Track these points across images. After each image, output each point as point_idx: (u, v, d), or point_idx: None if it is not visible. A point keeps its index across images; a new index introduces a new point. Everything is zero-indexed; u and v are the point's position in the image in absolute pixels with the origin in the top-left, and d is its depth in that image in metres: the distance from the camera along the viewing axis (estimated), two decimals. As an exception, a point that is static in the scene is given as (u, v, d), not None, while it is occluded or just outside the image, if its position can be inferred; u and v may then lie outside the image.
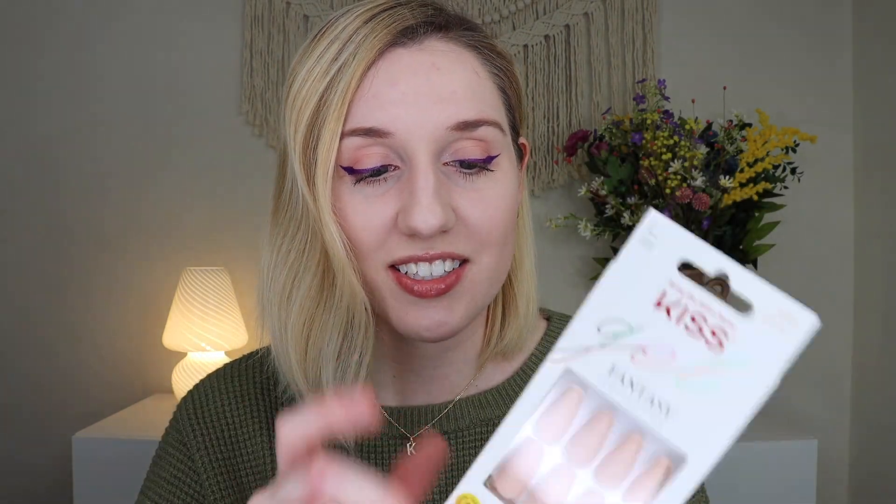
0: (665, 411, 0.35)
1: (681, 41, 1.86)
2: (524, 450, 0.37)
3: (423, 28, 0.55)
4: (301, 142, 0.55)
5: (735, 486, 1.46)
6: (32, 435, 1.91)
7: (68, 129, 1.92)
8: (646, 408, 0.36)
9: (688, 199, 1.47)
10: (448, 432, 0.66)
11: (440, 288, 0.54)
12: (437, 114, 0.53)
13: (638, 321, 0.37)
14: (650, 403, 0.36)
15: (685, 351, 0.36)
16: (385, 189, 0.54)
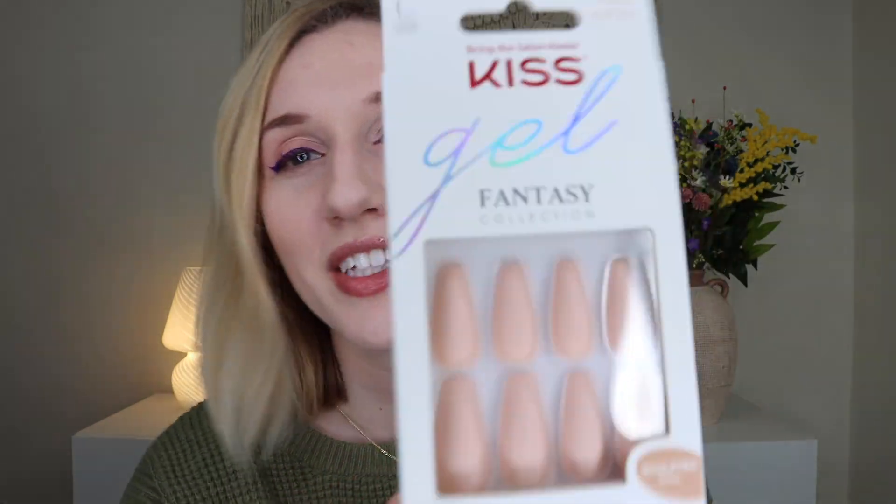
0: (584, 198, 0.27)
1: (681, 41, 1.86)
2: (450, 407, 0.28)
3: (337, 11, 0.53)
4: (225, 150, 0.53)
5: (735, 487, 1.46)
6: (32, 434, 1.91)
7: (67, 129, 1.92)
8: (557, 213, 0.27)
9: (688, 199, 1.47)
10: None
11: (380, 283, 0.49)
12: (352, 88, 0.50)
13: (465, 118, 0.27)
14: (559, 202, 0.27)
15: (547, 109, 0.27)
16: (313, 179, 0.51)
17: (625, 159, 0.27)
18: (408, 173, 0.26)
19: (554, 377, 0.28)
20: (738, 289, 1.72)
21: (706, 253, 1.56)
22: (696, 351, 1.33)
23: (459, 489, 0.27)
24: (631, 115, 0.27)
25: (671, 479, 0.26)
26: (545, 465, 0.27)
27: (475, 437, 0.27)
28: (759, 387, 1.84)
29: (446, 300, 0.27)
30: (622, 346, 0.28)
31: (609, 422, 0.28)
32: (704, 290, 1.53)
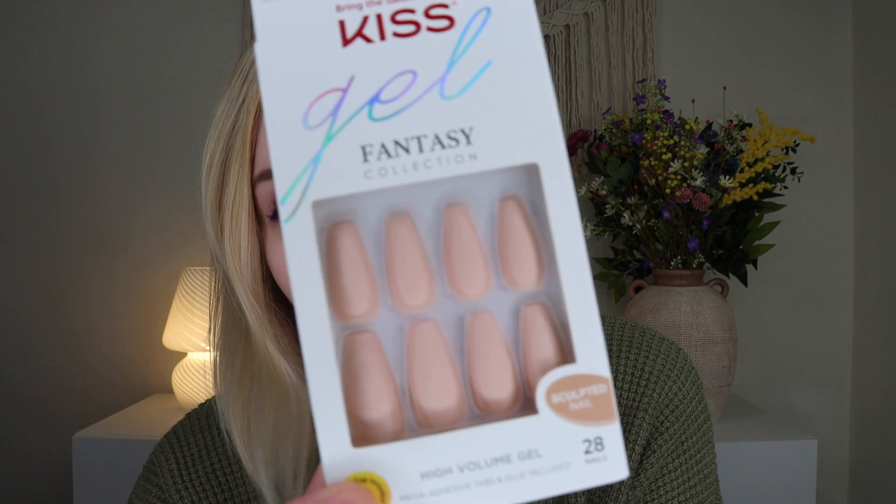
0: (465, 142, 0.27)
1: (681, 41, 1.86)
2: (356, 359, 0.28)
3: None
4: (213, 196, 0.50)
5: (734, 486, 1.46)
6: (33, 434, 1.91)
7: (68, 130, 1.92)
8: (441, 158, 0.27)
9: (688, 199, 1.47)
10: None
11: None
12: None
13: (339, 77, 0.27)
14: (441, 148, 0.27)
15: (420, 58, 0.27)
16: None
17: (503, 98, 0.27)
18: (289, 138, 0.26)
19: (455, 320, 0.28)
20: (737, 289, 1.73)
21: (706, 253, 1.56)
22: (696, 351, 1.32)
23: (375, 439, 0.27)
24: (505, 53, 0.27)
25: (582, 404, 0.27)
26: (458, 407, 0.28)
27: (384, 386, 0.27)
28: (759, 386, 1.84)
29: (340, 257, 0.27)
30: (519, 282, 0.28)
31: (515, 358, 0.28)
32: (704, 290, 1.53)
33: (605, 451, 0.26)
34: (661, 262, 1.57)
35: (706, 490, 0.61)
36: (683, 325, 1.49)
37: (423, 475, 0.26)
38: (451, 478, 0.26)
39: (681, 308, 1.50)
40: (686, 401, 0.63)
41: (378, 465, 0.26)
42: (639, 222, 1.56)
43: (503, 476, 0.26)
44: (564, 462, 0.26)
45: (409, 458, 0.26)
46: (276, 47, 0.27)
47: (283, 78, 0.27)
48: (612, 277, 1.78)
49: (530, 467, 0.26)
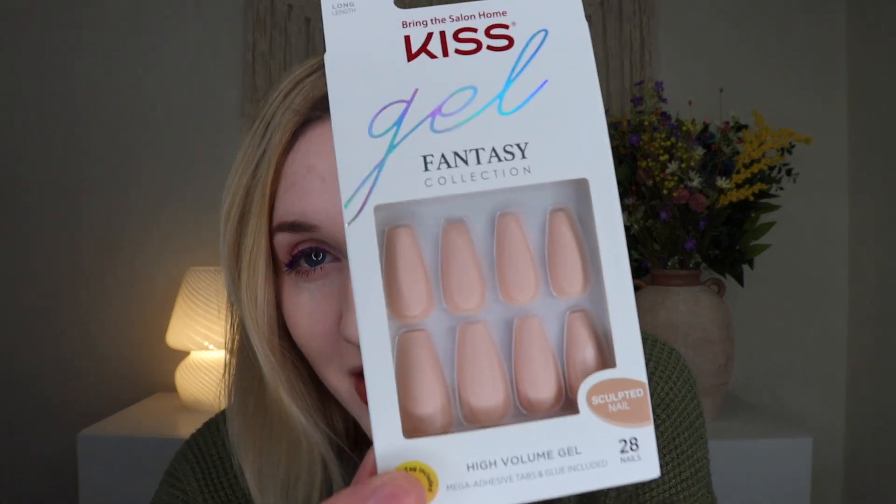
0: (520, 156, 0.28)
1: (678, 44, 1.87)
2: (409, 356, 0.29)
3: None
4: (230, 241, 0.51)
5: (729, 484, 1.47)
6: (38, 432, 1.93)
7: (73, 131, 1.93)
8: (497, 171, 0.28)
9: (685, 199, 1.49)
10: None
11: None
12: None
13: (404, 89, 0.29)
14: (497, 161, 0.28)
15: (481, 75, 0.29)
16: (328, 288, 0.48)
17: (557, 116, 0.29)
18: (354, 146, 0.28)
19: (504, 323, 0.30)
20: (734, 288, 1.74)
21: (703, 253, 1.58)
22: (692, 350, 1.35)
23: (425, 432, 0.29)
24: (560, 74, 0.29)
25: (620, 406, 0.28)
26: (503, 405, 0.29)
27: (435, 383, 0.29)
28: (755, 385, 1.86)
29: (398, 259, 0.29)
30: (565, 290, 0.30)
31: (559, 361, 0.30)
32: (701, 290, 1.55)
33: (639, 451, 0.28)
34: (659, 262, 1.59)
35: (697, 484, 0.64)
36: (680, 325, 1.51)
37: (469, 467, 0.28)
38: (496, 470, 0.28)
39: (678, 307, 1.52)
40: (678, 399, 0.65)
41: (427, 456, 0.28)
42: (636, 222, 1.58)
43: (544, 471, 0.28)
44: (601, 460, 0.28)
45: (456, 450, 0.28)
46: (345, 58, 0.29)
47: (350, 88, 0.29)
48: (610, 277, 1.79)
49: (570, 463, 0.28)
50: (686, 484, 0.63)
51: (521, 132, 0.29)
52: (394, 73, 0.29)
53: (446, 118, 0.28)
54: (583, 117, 0.29)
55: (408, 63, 0.29)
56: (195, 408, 1.69)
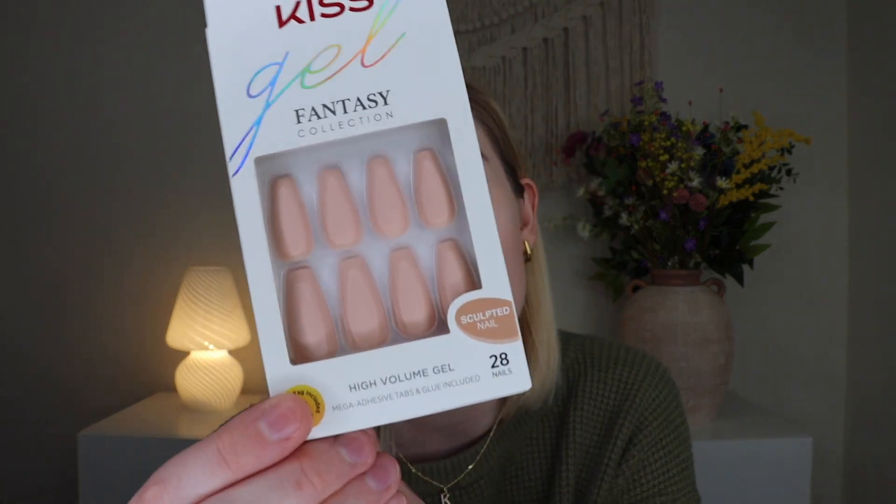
0: (383, 103, 0.31)
1: (678, 44, 1.88)
2: (294, 291, 0.32)
3: None
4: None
5: (729, 484, 1.48)
6: (38, 432, 1.93)
7: (77, 132, 1.94)
8: (362, 118, 0.31)
9: (685, 199, 1.49)
10: (481, 477, 0.69)
11: None
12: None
13: (276, 53, 0.32)
14: (362, 109, 0.31)
15: (344, 34, 0.32)
16: None
17: (414, 64, 0.32)
18: (235, 106, 0.31)
19: (380, 256, 0.33)
20: (734, 288, 1.74)
21: (703, 253, 1.58)
22: (693, 349, 1.35)
23: (311, 359, 0.31)
24: (417, 26, 0.32)
25: (488, 324, 0.31)
26: (381, 330, 0.32)
27: (319, 313, 0.31)
28: (755, 385, 1.86)
29: (279, 205, 0.32)
30: (433, 221, 0.32)
31: (431, 286, 0.32)
32: (701, 290, 1.55)
33: (509, 364, 0.30)
34: (659, 261, 1.59)
35: (683, 481, 0.70)
36: (680, 325, 1.51)
37: (351, 387, 0.30)
38: (376, 389, 0.30)
39: (678, 307, 1.52)
40: (663, 406, 0.71)
41: (313, 380, 0.30)
42: (636, 222, 1.58)
43: (420, 388, 0.30)
44: (474, 375, 0.30)
45: (339, 373, 0.30)
46: (224, 31, 0.32)
47: (229, 56, 0.32)
48: (610, 277, 1.80)
49: (444, 380, 0.30)
50: (673, 480, 0.69)
51: (383, 81, 0.31)
52: (267, 39, 0.32)
53: (315, 75, 0.31)
54: (438, 63, 0.32)
55: (279, 29, 0.32)
56: (195, 408, 1.70)
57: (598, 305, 1.89)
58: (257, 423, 0.28)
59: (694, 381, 1.51)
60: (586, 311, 1.90)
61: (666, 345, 1.51)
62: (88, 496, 1.56)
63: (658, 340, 1.52)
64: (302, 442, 0.29)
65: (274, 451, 0.28)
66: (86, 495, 1.56)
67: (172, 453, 0.81)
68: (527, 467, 0.71)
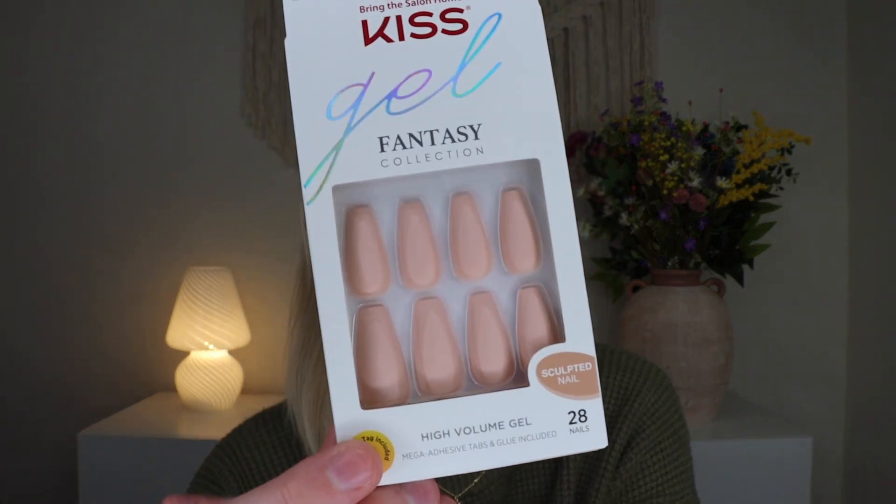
0: (473, 137, 0.29)
1: (677, 44, 1.88)
2: (367, 331, 0.30)
3: None
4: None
5: (729, 484, 1.48)
6: (38, 432, 1.93)
7: (76, 132, 1.94)
8: (451, 151, 0.29)
9: (685, 199, 1.49)
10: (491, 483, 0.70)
11: None
12: None
13: (361, 73, 0.29)
14: (451, 142, 0.29)
15: (436, 58, 0.30)
16: None
17: (509, 97, 0.30)
18: (313, 128, 0.29)
19: (458, 298, 0.31)
20: (734, 288, 1.75)
21: (703, 253, 1.58)
22: (692, 349, 1.35)
23: (382, 404, 0.30)
24: (513, 56, 0.30)
25: (569, 379, 0.29)
26: (456, 377, 0.30)
27: (392, 357, 0.30)
28: (755, 385, 1.86)
29: (356, 238, 0.30)
30: (517, 266, 0.31)
31: (511, 335, 0.31)
32: (701, 290, 1.55)
33: (588, 422, 0.29)
34: (659, 261, 1.59)
35: (681, 484, 0.71)
36: (680, 325, 1.51)
37: (424, 436, 0.29)
38: (449, 440, 0.29)
39: (678, 307, 1.52)
40: (662, 410, 0.73)
41: (383, 427, 0.29)
42: (636, 222, 1.58)
43: (495, 440, 0.29)
44: (551, 430, 0.29)
45: (412, 420, 0.29)
46: (304, 43, 0.30)
47: (309, 72, 0.29)
48: (610, 277, 1.80)
49: (520, 434, 0.29)
50: (671, 483, 0.70)
51: (475, 114, 0.29)
52: (351, 57, 0.29)
53: (402, 101, 0.29)
54: (534, 98, 0.30)
55: (365, 47, 0.30)
56: (195, 408, 1.70)
57: (598, 305, 1.89)
58: (325, 471, 0.27)
59: (694, 381, 1.51)
60: (586, 311, 1.90)
61: (666, 345, 1.51)
62: (88, 496, 1.56)
63: (658, 340, 1.52)
64: (371, 491, 0.28)
65: (343, 501, 0.27)
66: (86, 495, 1.56)
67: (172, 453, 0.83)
68: (531, 472, 0.72)
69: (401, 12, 0.30)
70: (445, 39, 0.30)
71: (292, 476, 0.27)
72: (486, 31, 0.30)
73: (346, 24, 0.30)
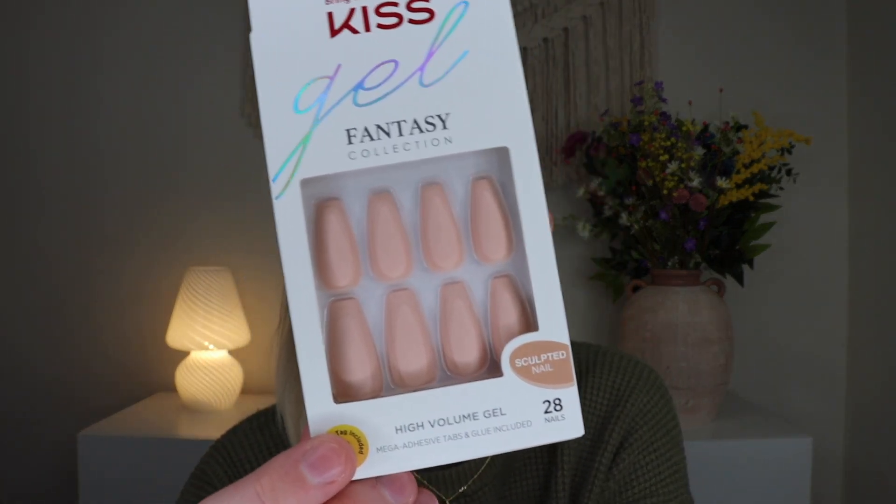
0: (442, 126, 0.29)
1: (677, 44, 1.88)
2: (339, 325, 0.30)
3: None
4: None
5: (728, 484, 1.48)
6: (38, 432, 1.93)
7: (76, 132, 1.94)
8: (419, 142, 0.29)
9: (685, 199, 1.49)
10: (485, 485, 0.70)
11: None
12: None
13: (327, 65, 0.29)
14: (419, 132, 0.29)
15: (402, 48, 0.29)
16: None
17: (477, 86, 0.29)
18: (280, 122, 0.29)
19: (430, 290, 0.31)
20: (734, 288, 1.75)
21: (703, 253, 1.58)
22: (692, 349, 1.35)
23: (356, 397, 0.29)
24: (480, 45, 0.30)
25: (543, 368, 0.29)
26: (430, 369, 0.30)
27: (364, 350, 0.30)
28: (755, 385, 1.86)
29: (326, 231, 0.30)
30: (489, 256, 0.31)
31: (484, 325, 0.31)
32: (701, 290, 1.55)
33: (563, 411, 0.29)
34: (659, 262, 1.59)
35: (675, 483, 0.71)
36: (680, 325, 1.51)
37: (398, 429, 0.29)
38: (423, 432, 0.29)
39: (678, 307, 1.52)
40: (655, 410, 0.73)
41: (357, 420, 0.28)
42: (636, 222, 1.58)
43: (470, 431, 0.29)
44: (526, 420, 0.29)
45: (385, 413, 0.29)
46: (270, 37, 0.29)
47: (275, 66, 0.29)
48: (610, 277, 1.80)
49: (495, 424, 0.29)
50: (665, 482, 0.70)
51: (442, 103, 0.29)
52: (317, 49, 0.29)
53: (368, 92, 0.29)
54: (503, 87, 0.29)
55: (331, 39, 0.29)
56: (195, 408, 1.70)
57: (598, 305, 1.89)
58: (298, 465, 0.27)
59: (694, 381, 1.51)
60: (586, 312, 1.90)
61: (666, 345, 1.51)
62: (88, 496, 1.56)
63: (658, 340, 1.52)
64: (345, 485, 0.27)
65: (316, 496, 0.27)
66: (86, 495, 1.56)
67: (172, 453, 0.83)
68: (525, 474, 0.72)
69: (366, 3, 0.30)
70: (412, 29, 0.29)
71: (266, 471, 0.27)
72: (453, 19, 0.30)
73: (311, 16, 0.29)
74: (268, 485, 0.26)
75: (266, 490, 0.26)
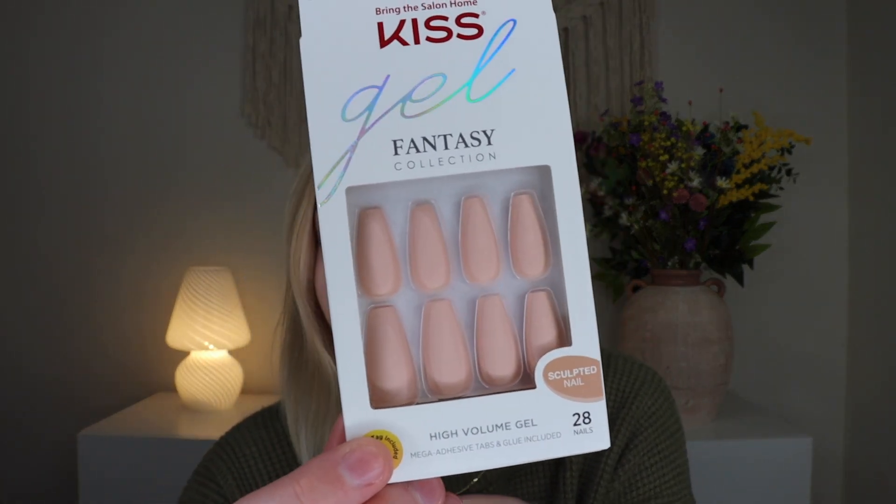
0: (486, 142, 0.30)
1: (677, 44, 1.88)
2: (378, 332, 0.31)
3: None
4: (289, 215, 0.63)
5: (729, 484, 1.48)
6: (38, 432, 1.93)
7: (76, 132, 1.94)
8: (464, 156, 0.29)
9: (685, 199, 1.49)
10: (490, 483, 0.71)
11: None
12: None
13: (376, 75, 0.29)
14: (464, 147, 0.29)
15: (451, 63, 0.30)
16: None
17: (523, 104, 0.30)
18: (328, 129, 0.29)
19: (468, 301, 0.31)
20: (734, 288, 1.75)
21: (703, 253, 1.58)
22: (692, 349, 1.35)
23: (391, 404, 0.30)
24: (527, 63, 0.30)
25: (574, 382, 0.30)
26: (465, 380, 0.31)
27: (401, 358, 0.31)
28: (755, 385, 1.86)
29: (368, 239, 0.30)
30: (526, 271, 0.31)
31: (519, 338, 0.31)
32: (701, 290, 1.55)
33: (591, 423, 0.30)
34: (659, 261, 1.59)
35: (679, 485, 0.72)
36: (680, 325, 1.51)
37: (432, 436, 0.29)
38: (456, 440, 0.29)
39: (678, 307, 1.52)
40: (659, 413, 0.74)
41: (392, 426, 0.29)
42: (636, 222, 1.58)
43: (501, 441, 0.30)
44: (556, 431, 0.30)
45: (420, 420, 0.29)
46: (320, 44, 0.30)
47: (324, 73, 0.29)
48: (610, 277, 1.80)
49: (526, 434, 0.30)
50: (668, 485, 0.71)
51: (488, 119, 0.30)
52: (367, 59, 0.30)
53: (416, 104, 0.29)
54: (547, 106, 0.30)
55: (380, 49, 0.30)
56: (195, 408, 1.70)
57: (598, 305, 1.89)
58: (337, 467, 0.27)
59: (694, 381, 1.51)
60: (586, 311, 1.90)
61: (666, 345, 1.51)
62: (88, 496, 1.56)
63: (658, 340, 1.52)
64: (382, 487, 0.28)
65: (354, 497, 0.27)
66: (86, 495, 1.56)
67: (172, 453, 0.84)
68: (531, 473, 0.73)
69: (416, 15, 0.30)
70: (460, 44, 0.30)
71: (304, 472, 0.27)
72: (501, 36, 0.30)
73: (362, 25, 0.30)
74: (307, 485, 0.27)
75: (305, 490, 0.27)
